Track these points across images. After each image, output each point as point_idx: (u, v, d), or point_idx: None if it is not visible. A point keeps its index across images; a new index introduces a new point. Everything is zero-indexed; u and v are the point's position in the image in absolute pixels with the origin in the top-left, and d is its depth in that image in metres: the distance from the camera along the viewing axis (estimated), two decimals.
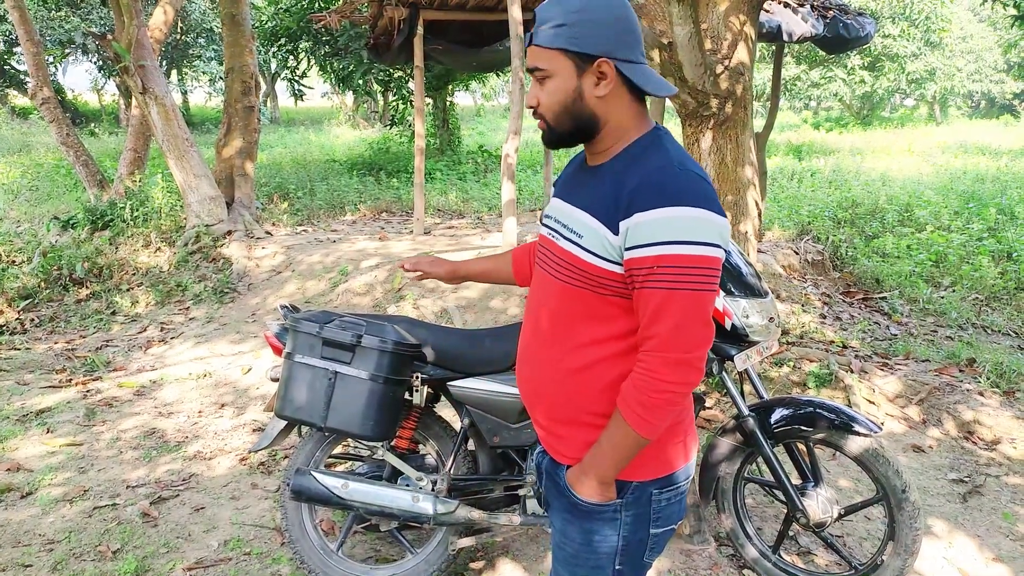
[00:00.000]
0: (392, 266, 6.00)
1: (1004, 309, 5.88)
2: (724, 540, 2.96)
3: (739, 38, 3.95)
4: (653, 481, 1.51)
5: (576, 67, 1.40)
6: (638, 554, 1.55)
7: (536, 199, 10.29)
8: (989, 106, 37.66)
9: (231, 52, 8.12)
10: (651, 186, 1.34)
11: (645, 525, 1.52)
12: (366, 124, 25.00)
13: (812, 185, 10.79)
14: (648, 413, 1.38)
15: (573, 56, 1.39)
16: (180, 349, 5.42)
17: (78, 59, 24.54)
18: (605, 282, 1.42)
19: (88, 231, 7.44)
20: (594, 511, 1.50)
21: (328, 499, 2.51)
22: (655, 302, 1.34)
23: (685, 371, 1.36)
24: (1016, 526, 3.14)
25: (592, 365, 1.48)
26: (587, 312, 1.47)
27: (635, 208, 1.34)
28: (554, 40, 1.39)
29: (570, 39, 1.38)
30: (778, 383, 4.34)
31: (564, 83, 1.42)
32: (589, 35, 1.38)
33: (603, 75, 1.40)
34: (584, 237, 1.42)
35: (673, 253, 1.31)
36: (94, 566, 2.83)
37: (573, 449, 1.54)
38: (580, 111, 1.43)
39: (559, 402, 1.53)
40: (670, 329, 1.34)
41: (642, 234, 1.33)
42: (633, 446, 1.42)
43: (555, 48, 1.40)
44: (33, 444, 3.87)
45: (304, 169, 12.84)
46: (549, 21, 1.39)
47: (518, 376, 1.65)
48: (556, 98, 1.43)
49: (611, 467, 1.45)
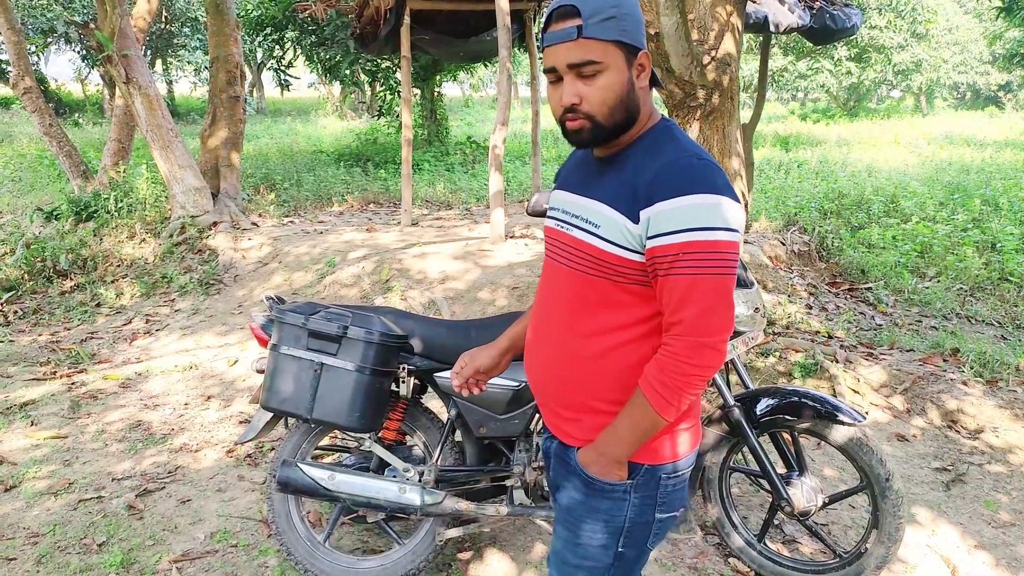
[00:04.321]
0: (379, 257, 5.98)
1: (988, 299, 5.93)
2: (710, 529, 2.98)
3: (726, 28, 3.95)
4: (663, 465, 1.54)
5: (627, 59, 1.42)
6: (642, 538, 1.58)
7: (524, 190, 10.27)
8: (974, 97, 37.86)
9: (216, 41, 8.04)
10: (671, 175, 1.37)
11: (651, 508, 1.55)
12: (353, 115, 24.86)
13: (799, 176, 10.82)
14: (671, 394, 1.41)
15: (625, 48, 1.41)
16: (166, 341, 5.39)
17: (61, 48, 24.22)
18: (623, 270, 1.45)
19: (72, 222, 7.36)
20: (605, 489, 1.53)
21: (315, 491, 2.51)
22: (681, 288, 1.38)
23: (710, 355, 1.40)
24: (998, 513, 3.18)
25: (607, 352, 1.51)
26: (603, 300, 1.49)
27: (656, 197, 1.37)
28: (609, 32, 1.38)
29: (622, 31, 1.39)
30: (764, 373, 4.36)
31: (620, 75, 1.42)
32: (633, 27, 1.41)
33: (642, 67, 1.44)
34: (602, 227, 1.45)
35: (698, 240, 1.35)
36: (79, 559, 2.82)
37: (586, 432, 1.57)
38: (633, 103, 1.45)
39: (573, 389, 1.56)
40: (697, 314, 1.38)
41: (665, 222, 1.36)
42: (650, 427, 1.46)
43: (610, 40, 1.39)
44: (17, 437, 3.85)
45: (291, 160, 12.76)
46: (597, 14, 1.38)
47: (527, 365, 1.67)
48: (612, 92, 1.41)
49: (626, 446, 1.49)
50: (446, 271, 5.66)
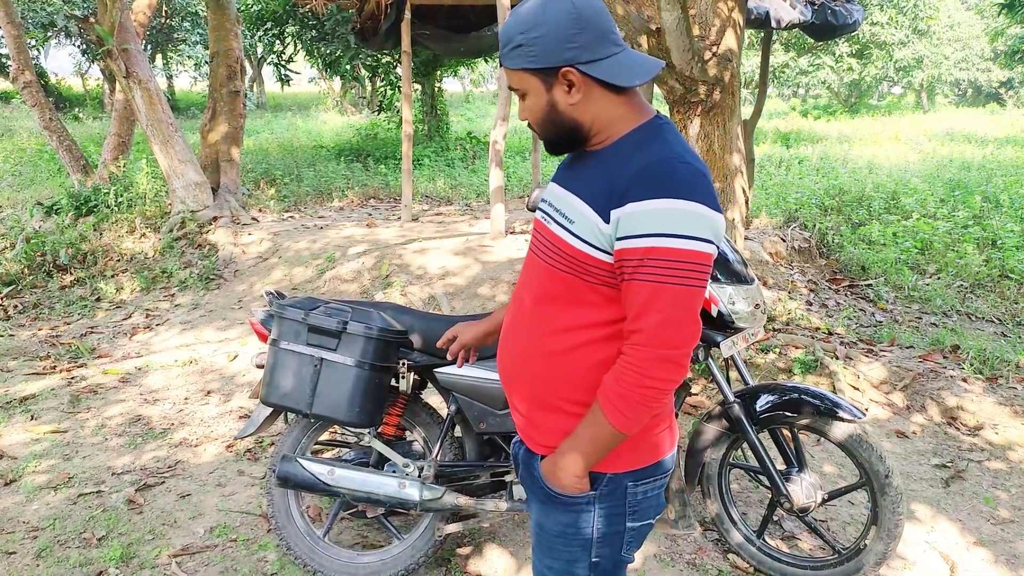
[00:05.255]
0: (379, 252, 5.98)
1: (988, 296, 5.93)
2: (709, 525, 2.98)
3: (727, 24, 3.94)
4: (628, 473, 1.49)
5: (543, 82, 1.41)
6: (615, 547, 1.54)
7: (524, 185, 10.26)
8: (976, 94, 37.82)
9: (216, 36, 8.02)
10: (648, 177, 1.33)
11: (621, 518, 1.51)
12: (354, 110, 24.82)
13: (799, 173, 10.81)
14: (627, 408, 1.37)
15: (537, 73, 1.40)
16: (165, 336, 5.39)
17: (61, 42, 24.21)
18: (592, 270, 1.40)
19: (72, 217, 7.36)
20: (568, 502, 1.50)
21: (314, 486, 2.51)
22: (643, 295, 1.33)
23: (669, 368, 1.35)
24: (997, 510, 3.18)
25: (572, 350, 1.47)
26: (571, 297, 1.45)
27: (629, 198, 1.32)
28: (516, 61, 1.40)
29: (529, 58, 1.38)
30: (763, 369, 4.36)
31: (537, 99, 1.43)
32: (545, 50, 1.37)
33: (571, 83, 1.40)
34: (576, 223, 1.41)
35: (664, 246, 1.30)
36: (79, 553, 2.82)
37: (548, 437, 1.53)
38: (560, 121, 1.44)
39: (537, 386, 1.52)
40: (656, 324, 1.33)
41: (634, 224, 1.32)
42: (609, 440, 1.41)
43: (519, 69, 1.41)
44: (17, 431, 3.85)
45: (291, 155, 12.74)
46: (509, 43, 1.40)
47: (499, 360, 1.64)
48: (536, 113, 1.45)
49: (586, 459, 1.44)
50: (446, 267, 5.66)
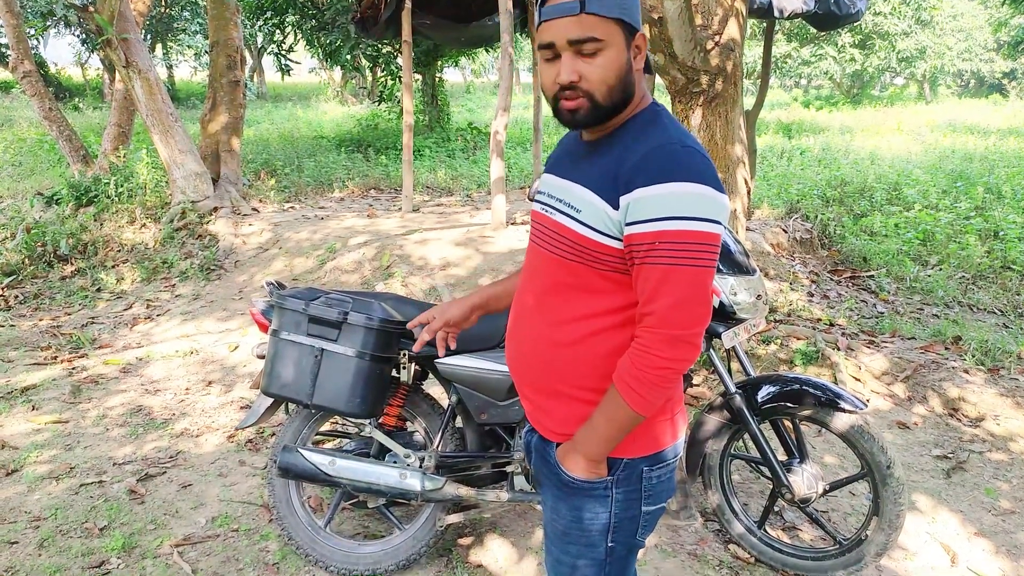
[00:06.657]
0: (380, 243, 5.97)
1: (990, 288, 5.92)
2: (710, 516, 2.98)
3: (730, 14, 3.92)
4: (644, 458, 1.50)
5: (626, 39, 1.37)
6: (630, 532, 1.55)
7: (525, 176, 10.24)
8: (978, 85, 37.68)
9: (216, 26, 7.99)
10: (653, 162, 1.33)
11: (636, 502, 1.52)
12: (354, 100, 24.76)
13: (801, 163, 10.78)
14: (644, 389, 1.38)
15: (625, 27, 1.36)
16: (166, 326, 5.39)
17: (60, 32, 24.07)
18: (603, 257, 1.41)
19: (72, 207, 7.35)
20: (585, 488, 1.50)
21: (315, 476, 2.51)
22: (655, 278, 1.34)
23: (683, 348, 1.36)
24: (998, 501, 3.18)
25: (584, 338, 1.47)
26: (581, 285, 1.46)
27: (636, 183, 1.33)
28: (612, 9, 1.33)
29: (624, 10, 1.34)
30: (765, 360, 4.35)
31: (619, 55, 1.36)
32: (633, 6, 1.36)
33: (639, 48, 1.38)
34: (583, 212, 1.41)
35: (674, 229, 1.30)
36: (81, 543, 2.83)
37: (562, 424, 1.53)
38: (630, 84, 1.40)
39: (549, 375, 1.52)
40: (669, 306, 1.33)
41: (643, 209, 1.32)
42: (627, 423, 1.42)
43: (612, 18, 1.34)
44: (18, 421, 3.85)
45: (291, 145, 12.72)
46: None
47: (508, 350, 1.64)
48: (612, 71, 1.36)
49: (603, 444, 1.45)
50: (447, 257, 5.65)
